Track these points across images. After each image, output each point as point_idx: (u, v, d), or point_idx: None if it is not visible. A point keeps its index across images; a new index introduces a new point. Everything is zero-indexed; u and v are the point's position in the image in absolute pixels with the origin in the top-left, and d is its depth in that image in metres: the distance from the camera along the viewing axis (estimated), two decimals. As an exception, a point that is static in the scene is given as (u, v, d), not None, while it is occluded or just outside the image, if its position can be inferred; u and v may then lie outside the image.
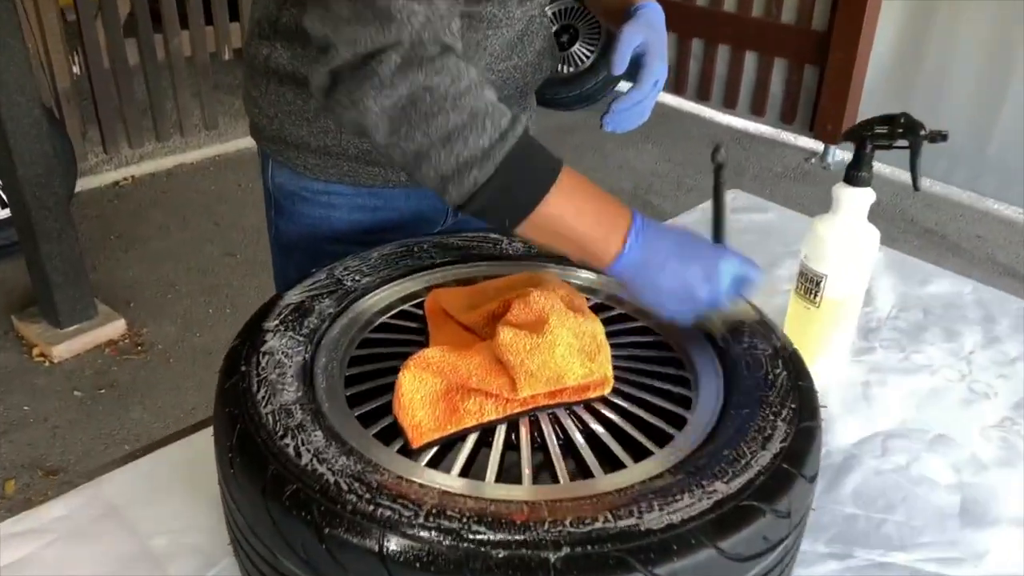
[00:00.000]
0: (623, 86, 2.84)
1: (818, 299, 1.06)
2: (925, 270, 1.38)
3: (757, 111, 4.26)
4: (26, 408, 2.29)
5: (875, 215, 1.03)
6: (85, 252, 2.67)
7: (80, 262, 2.48)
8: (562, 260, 0.97)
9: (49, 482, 2.04)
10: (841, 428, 1.01)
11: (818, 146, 4.08)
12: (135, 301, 2.76)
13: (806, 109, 4.05)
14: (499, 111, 0.76)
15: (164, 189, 3.57)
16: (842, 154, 3.97)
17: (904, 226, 3.41)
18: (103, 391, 2.37)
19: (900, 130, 0.96)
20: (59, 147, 2.87)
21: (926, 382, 1.10)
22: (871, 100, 3.76)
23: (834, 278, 1.04)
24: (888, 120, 0.97)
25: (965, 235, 3.41)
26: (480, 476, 0.69)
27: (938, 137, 0.95)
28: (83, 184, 3.41)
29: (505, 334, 0.75)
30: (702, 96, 4.45)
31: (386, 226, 1.12)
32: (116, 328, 2.57)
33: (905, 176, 0.99)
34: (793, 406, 0.75)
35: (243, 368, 0.76)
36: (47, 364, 2.46)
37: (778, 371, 0.79)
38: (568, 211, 0.78)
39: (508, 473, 0.71)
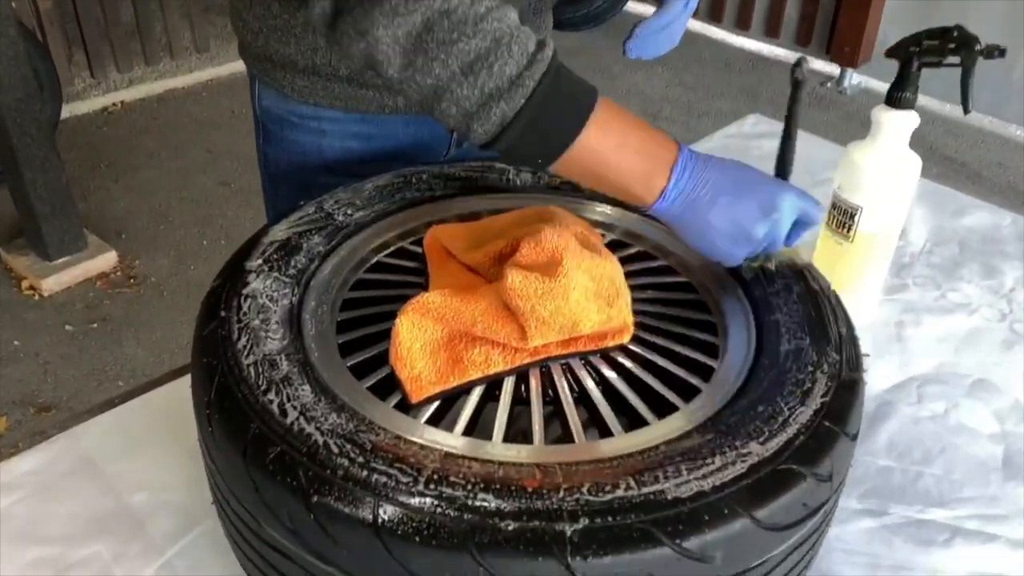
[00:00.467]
0: (639, 8, 2.70)
1: (851, 233, 0.97)
2: (960, 201, 1.29)
3: (771, 32, 4.08)
4: (16, 343, 2.23)
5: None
6: (73, 181, 2.58)
7: (67, 191, 2.38)
8: (575, 191, 0.89)
9: (42, 419, 1.99)
10: (873, 373, 0.94)
11: (835, 70, 3.93)
12: (126, 232, 2.67)
13: (823, 30, 3.88)
14: (524, 34, 0.66)
15: (155, 115, 3.44)
16: (860, 78, 3.83)
17: (923, 153, 3.25)
18: (95, 325, 2.30)
19: (952, 45, 0.86)
20: (42, 71, 2.75)
21: (964, 322, 1.03)
22: (892, 22, 3.60)
23: (870, 210, 0.95)
24: (939, 33, 0.87)
25: (986, 163, 3.30)
26: (486, 435, 0.62)
27: (995, 52, 0.85)
28: (70, 110, 3.29)
29: (514, 277, 0.66)
30: (714, 17, 4.27)
31: (382, 155, 1.03)
32: (107, 260, 2.49)
33: (925, 100, 0.90)
34: (835, 356, 0.67)
35: (222, 313, 0.69)
36: (37, 297, 2.39)
37: (815, 314, 0.71)
38: (606, 145, 0.68)
39: (517, 432, 0.64)
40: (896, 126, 0.91)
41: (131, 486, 0.78)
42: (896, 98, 0.91)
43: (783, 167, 0.80)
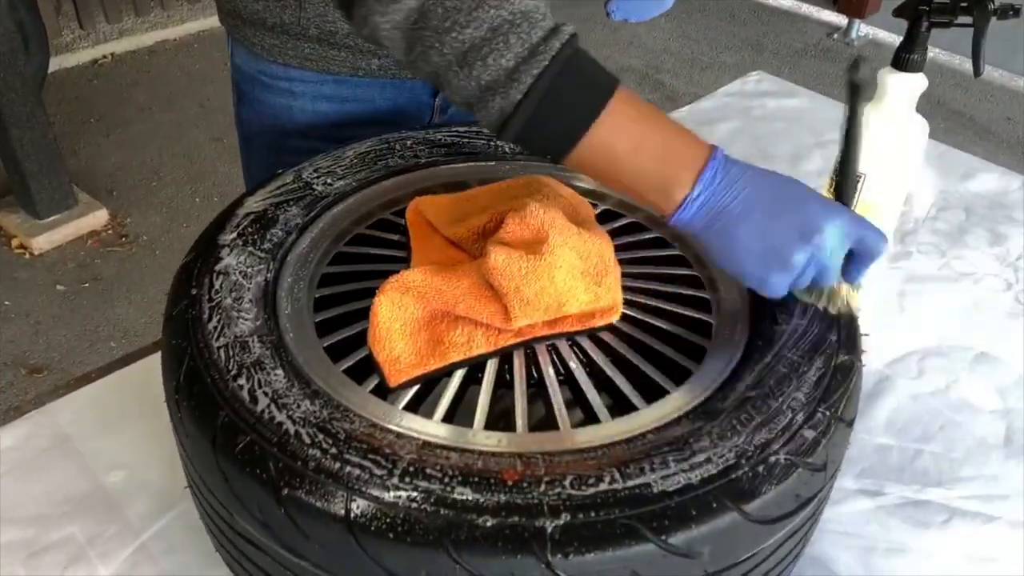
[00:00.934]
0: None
1: (854, 202, 0.93)
2: (967, 163, 1.25)
3: (777, -18, 3.99)
4: (7, 303, 2.20)
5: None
6: (63, 137, 2.53)
7: (55, 148, 2.34)
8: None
9: (33, 380, 1.98)
10: (873, 346, 0.91)
11: (842, 20, 3.84)
12: (117, 189, 2.63)
13: (829, -20, 3.80)
14: (530, 22, 0.60)
15: (146, 68, 3.37)
16: (867, 29, 3.74)
17: (930, 108, 3.20)
18: (87, 285, 2.27)
19: (964, 4, 0.81)
20: (28, 22, 2.68)
21: (968, 292, 1.00)
22: (901, -30, 3.49)
23: (874, 178, 0.91)
24: (949, -10, 0.82)
25: (995, 117, 3.23)
26: (467, 421, 0.60)
27: (1009, 12, 0.80)
28: (59, 63, 3.22)
29: (497, 255, 0.63)
30: (718, -35, 4.17)
31: (357, 120, 0.99)
32: (98, 218, 2.45)
33: (930, 51, 0.85)
34: (831, 337, 0.64)
35: (193, 291, 0.66)
36: (27, 256, 2.36)
37: (813, 293, 0.68)
38: (620, 147, 0.62)
39: (500, 417, 0.61)
40: (903, 90, 0.87)
41: (107, 465, 0.76)
42: (903, 60, 0.86)
43: (843, 187, 0.70)
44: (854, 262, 0.64)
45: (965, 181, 1.20)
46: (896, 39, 0.87)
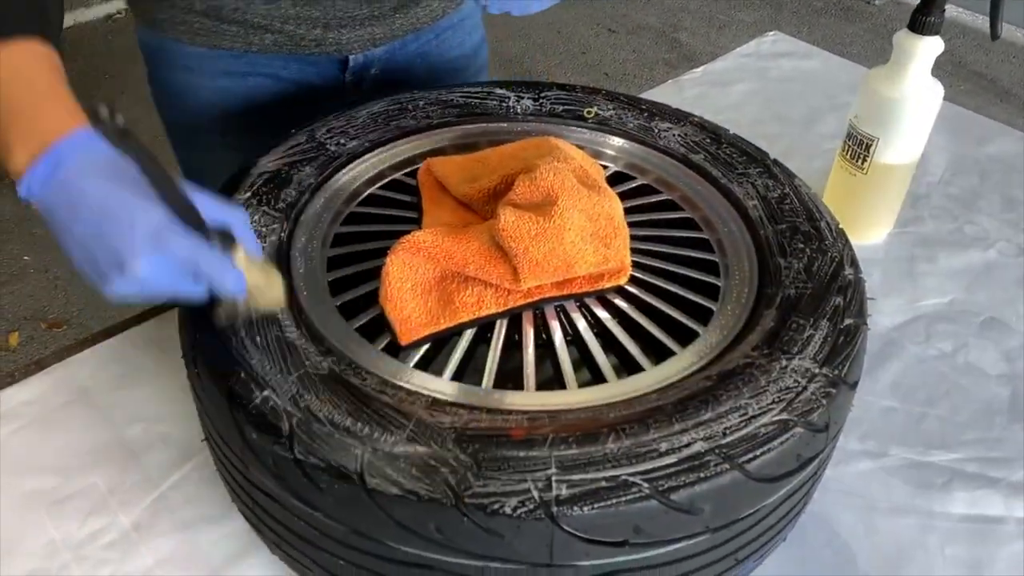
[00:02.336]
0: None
1: (866, 165, 0.94)
2: (984, 126, 1.24)
3: (798, -62, 3.90)
4: (26, 258, 2.23)
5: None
6: (78, 93, 2.53)
7: (71, 104, 2.34)
8: (577, 119, 0.85)
9: (52, 334, 2.01)
10: (881, 309, 0.92)
11: (863, -22, 3.76)
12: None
13: (852, -64, 3.71)
14: None
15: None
16: (888, -13, 3.66)
17: (951, 69, 3.17)
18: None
19: (983, -35, 0.80)
20: (42, -23, 2.67)
21: (979, 257, 1.00)
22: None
23: (887, 141, 0.91)
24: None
25: (1017, 79, 3.18)
26: (476, 380, 0.61)
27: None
28: (73, 18, 3.22)
29: (507, 217, 0.64)
30: (739, -80, 4.07)
31: (264, 94, 0.96)
32: (115, 175, 2.46)
33: (953, 10, 0.84)
34: (837, 300, 0.65)
35: (209, 250, 0.67)
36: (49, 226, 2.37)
37: (821, 257, 0.69)
38: None
39: (508, 377, 0.62)
40: (919, 54, 0.86)
41: (127, 418, 0.78)
42: (920, 22, 0.85)
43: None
44: (239, 239, 0.57)
45: (981, 145, 1.19)
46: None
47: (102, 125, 0.44)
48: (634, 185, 0.81)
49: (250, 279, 0.58)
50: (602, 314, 0.67)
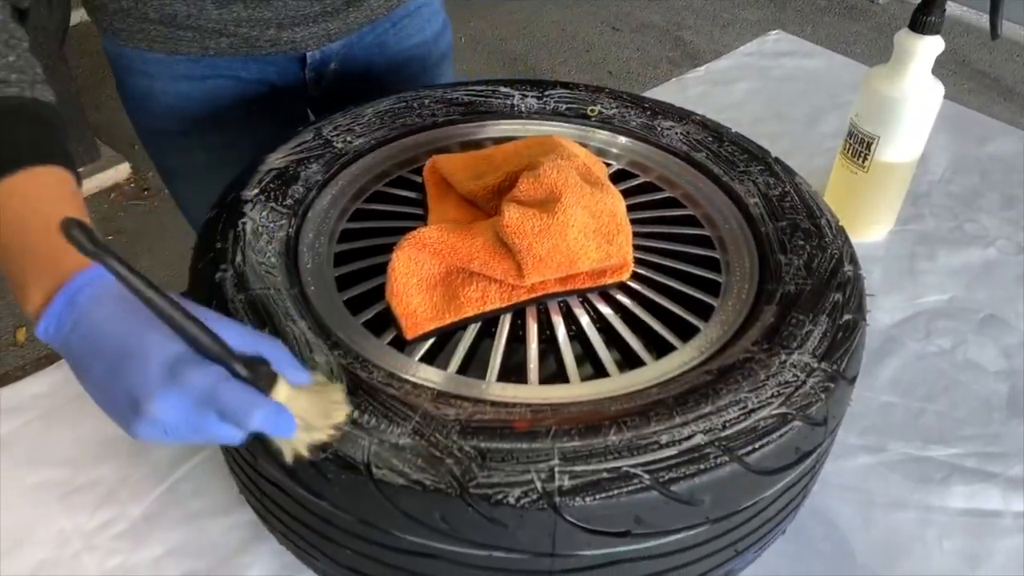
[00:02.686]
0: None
1: (867, 163, 0.94)
2: (985, 125, 1.24)
3: (802, -64, 3.90)
4: (33, 255, 2.24)
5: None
6: (85, 91, 2.55)
7: (77, 101, 2.36)
8: (581, 118, 0.86)
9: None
10: (881, 306, 0.93)
11: (867, -23, 3.77)
12: (139, 143, 2.65)
13: (857, -66, 3.71)
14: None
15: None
16: (893, -14, 3.66)
17: (955, 67, 3.17)
18: (110, 238, 2.31)
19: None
20: (49, -25, 2.68)
21: (978, 255, 1.00)
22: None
23: (887, 140, 0.92)
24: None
25: (1020, 78, 3.18)
26: (481, 374, 0.62)
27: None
28: (80, 16, 3.22)
29: (511, 214, 0.65)
30: (743, -81, 4.08)
31: (226, 95, 0.98)
32: (121, 172, 2.48)
33: (957, 9, 0.85)
34: (836, 296, 0.66)
35: (218, 245, 0.68)
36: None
37: (820, 254, 0.70)
38: None
39: (512, 371, 0.63)
40: (920, 53, 0.87)
41: (136, 411, 0.79)
42: (921, 22, 0.86)
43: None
44: (276, 367, 0.51)
45: (982, 144, 1.20)
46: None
47: (77, 245, 0.41)
48: (637, 183, 0.82)
49: (297, 409, 0.51)
50: (604, 309, 0.68)
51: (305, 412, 0.51)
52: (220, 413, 0.48)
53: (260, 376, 0.49)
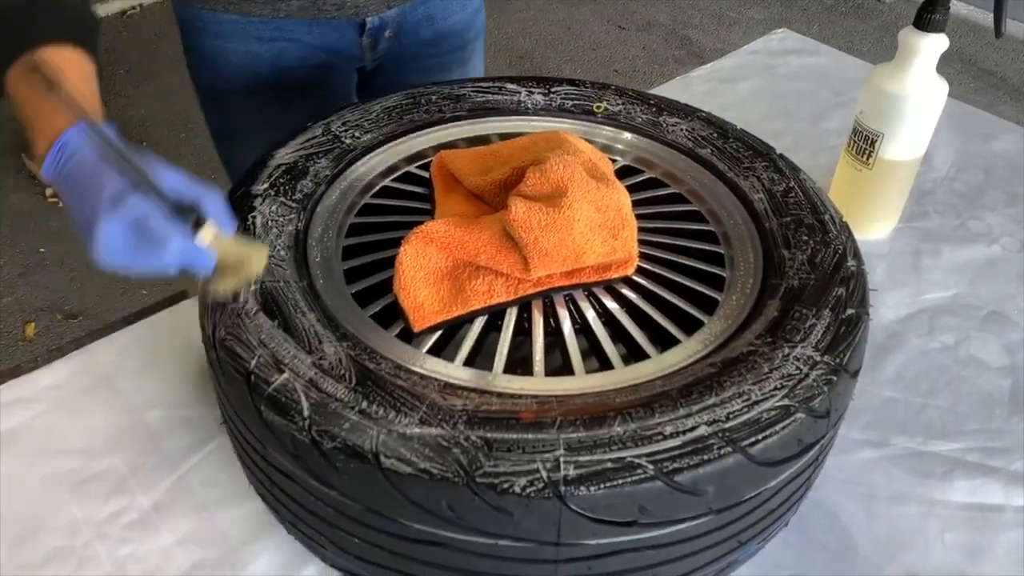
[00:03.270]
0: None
1: (871, 160, 0.95)
2: (989, 123, 1.25)
3: (809, -65, 3.90)
4: (42, 250, 2.26)
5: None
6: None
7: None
8: (587, 114, 0.87)
9: (68, 325, 2.04)
10: (885, 303, 0.93)
11: (874, -24, 3.76)
12: (148, 140, 2.67)
13: (864, -67, 3.70)
14: None
15: (173, 20, 3.38)
16: (899, -15, 3.66)
17: (961, 67, 3.17)
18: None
19: (987, -38, 0.82)
20: (58, -28, 2.69)
21: (982, 252, 1.01)
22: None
23: (892, 137, 0.93)
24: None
25: (1026, 77, 3.18)
26: (487, 366, 0.63)
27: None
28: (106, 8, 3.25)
29: (517, 208, 0.66)
30: (750, -83, 4.07)
31: (289, 58, 1.06)
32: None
33: (964, 8, 0.86)
34: (839, 290, 0.67)
35: (228, 239, 0.69)
36: (61, 205, 2.40)
37: (824, 249, 0.70)
38: (21, 92, 0.64)
39: (518, 363, 0.64)
40: (924, 51, 0.88)
41: (146, 403, 0.80)
42: (925, 19, 0.87)
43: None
44: (209, 214, 0.58)
45: (987, 142, 1.20)
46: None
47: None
48: (642, 178, 0.83)
49: (221, 255, 0.59)
50: (610, 303, 0.69)
51: (226, 255, 0.59)
52: (149, 240, 0.56)
53: (187, 214, 0.57)
